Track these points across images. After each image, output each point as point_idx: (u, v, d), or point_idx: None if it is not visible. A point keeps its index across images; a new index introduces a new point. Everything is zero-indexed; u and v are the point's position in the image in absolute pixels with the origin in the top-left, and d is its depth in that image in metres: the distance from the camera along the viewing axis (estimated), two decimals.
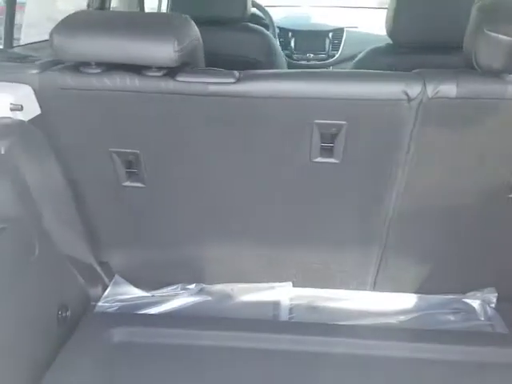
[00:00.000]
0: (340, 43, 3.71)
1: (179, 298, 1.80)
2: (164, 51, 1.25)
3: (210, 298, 1.80)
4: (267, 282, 1.83)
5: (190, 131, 1.42)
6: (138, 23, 1.32)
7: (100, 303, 1.76)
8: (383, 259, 1.69)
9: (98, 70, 1.34)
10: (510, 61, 1.19)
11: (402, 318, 1.70)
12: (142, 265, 1.83)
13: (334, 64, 3.73)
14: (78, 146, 1.49)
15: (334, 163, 1.42)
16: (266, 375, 1.46)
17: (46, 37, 2.07)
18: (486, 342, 1.55)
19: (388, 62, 1.83)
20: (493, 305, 1.70)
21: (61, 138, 1.45)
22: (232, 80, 1.31)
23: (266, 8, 3.40)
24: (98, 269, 1.78)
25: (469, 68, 1.28)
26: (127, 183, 1.56)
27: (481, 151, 1.35)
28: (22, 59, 1.47)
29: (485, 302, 1.70)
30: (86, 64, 1.34)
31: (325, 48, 3.70)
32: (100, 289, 1.80)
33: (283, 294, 1.79)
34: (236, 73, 1.33)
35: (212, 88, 1.31)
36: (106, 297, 1.78)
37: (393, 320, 1.70)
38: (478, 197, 1.45)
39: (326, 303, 1.77)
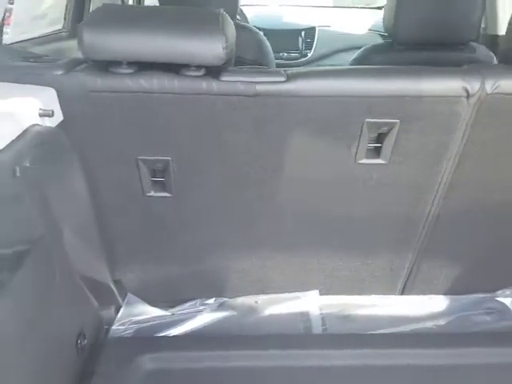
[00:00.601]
0: (313, 42, 3.69)
1: (201, 315, 1.66)
2: (213, 48, 1.13)
3: (234, 313, 1.68)
4: (293, 291, 1.73)
5: (230, 135, 1.30)
6: (178, 18, 1.19)
7: (114, 326, 1.60)
8: (416, 263, 1.64)
9: (131, 71, 1.19)
10: None
11: (436, 322, 1.66)
12: (157, 281, 1.68)
13: (307, 63, 3.70)
14: (103, 154, 1.33)
15: (380, 164, 1.35)
16: None
17: (28, 36, 1.91)
18: None
19: (386, 59, 1.78)
20: None
21: (85, 145, 1.29)
22: (282, 79, 1.21)
23: None
24: (112, 288, 1.62)
25: (506, 63, 1.25)
26: (151, 193, 1.42)
27: None
28: (37, 59, 1.29)
29: None
30: (116, 63, 1.19)
31: (298, 47, 3.66)
32: (113, 310, 1.64)
33: (311, 303, 1.70)
34: (283, 71, 1.23)
35: (260, 88, 1.20)
36: (120, 319, 1.62)
37: (428, 325, 1.65)
38: None
39: (358, 311, 1.69)
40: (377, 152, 1.34)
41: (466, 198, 1.44)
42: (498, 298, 1.71)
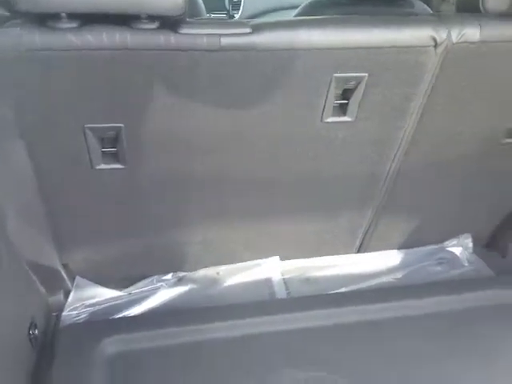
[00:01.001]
0: (240, 2, 3.57)
1: (160, 292, 1.57)
2: None
3: (195, 286, 1.61)
4: (254, 259, 1.69)
5: (190, 95, 1.19)
6: None
7: (66, 312, 1.46)
8: (373, 220, 1.66)
9: (74, 25, 1.03)
10: None
11: (393, 275, 1.71)
12: (108, 261, 1.55)
13: None
14: (45, 125, 1.16)
15: (347, 122, 1.32)
16: (275, 358, 1.35)
17: None
18: (476, 287, 1.62)
19: (327, 13, 1.75)
20: (471, 250, 1.79)
21: (23, 115, 1.11)
22: (247, 30, 1.11)
23: None
24: (60, 272, 1.46)
25: (471, 12, 1.26)
26: (102, 166, 1.27)
27: (491, 96, 1.36)
28: None
29: (464, 249, 1.79)
30: (55, 17, 1.01)
31: (225, 7, 3.53)
32: (62, 296, 1.50)
33: (273, 269, 1.67)
34: (247, 21, 1.13)
35: (224, 41, 1.10)
36: (71, 304, 1.48)
37: (386, 279, 1.70)
38: (478, 144, 1.48)
39: (319, 272, 1.69)
40: (343, 109, 1.30)
41: (427, 152, 1.46)
42: (447, 248, 1.79)
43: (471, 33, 1.20)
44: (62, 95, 1.12)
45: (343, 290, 1.62)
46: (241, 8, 3.59)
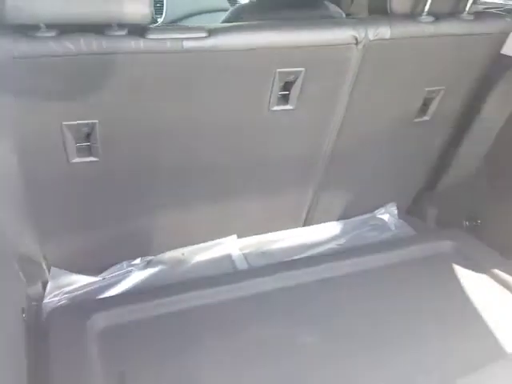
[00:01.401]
0: (162, 6, 3.71)
1: (131, 275, 1.73)
2: (139, 6, 1.18)
3: (163, 267, 1.78)
4: (214, 239, 1.88)
5: (157, 93, 1.37)
6: None
7: (47, 300, 1.57)
8: (315, 196, 1.92)
9: (53, 34, 1.18)
10: (421, 5, 1.50)
11: (336, 242, 1.99)
12: (80, 250, 1.68)
13: None
14: (28, 123, 1.29)
15: (289, 110, 1.56)
16: (244, 319, 1.56)
17: None
18: (401, 245, 1.93)
19: (254, 18, 1.96)
20: (396, 216, 2.11)
21: (10, 114, 1.24)
22: (204, 34, 1.31)
23: None
24: (39, 263, 1.57)
25: (380, 13, 1.54)
26: (76, 159, 1.42)
27: (403, 83, 1.66)
28: None
29: (391, 216, 2.10)
30: (35, 28, 1.16)
31: None
32: (40, 286, 1.60)
33: (233, 246, 1.88)
34: (203, 27, 1.34)
35: (187, 44, 1.29)
36: (51, 292, 1.60)
37: (330, 246, 1.97)
38: (395, 124, 1.78)
39: (273, 246, 1.93)
40: (286, 99, 1.54)
41: (354, 133, 1.74)
42: (377, 216, 2.11)
43: (383, 31, 1.49)
44: (43, 96, 1.27)
45: (295, 258, 1.86)
46: (164, 12, 3.74)
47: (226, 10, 3.28)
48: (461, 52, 1.66)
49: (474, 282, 1.74)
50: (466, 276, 1.77)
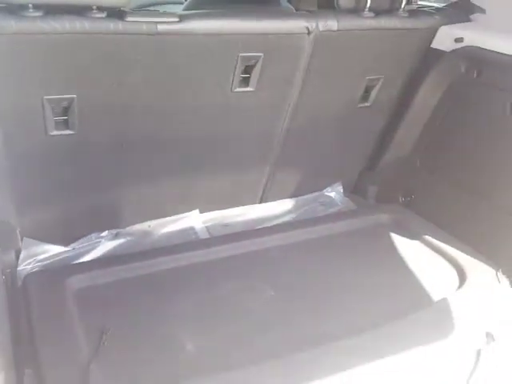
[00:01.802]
0: None
1: (101, 246, 1.85)
2: None
3: (130, 239, 1.90)
4: (179, 213, 2.03)
5: (132, 71, 1.50)
6: None
7: (21, 268, 1.65)
8: (271, 174, 2.12)
9: (40, 13, 1.29)
10: (364, 1, 1.74)
11: (290, 216, 2.19)
12: (52, 222, 1.78)
13: None
14: (12, 96, 1.39)
15: (250, 91, 1.74)
16: (208, 281, 1.71)
17: None
18: (344, 217, 2.17)
19: (213, 8, 2.14)
20: (342, 194, 2.35)
21: None
22: (176, 19, 1.47)
23: None
24: (14, 232, 1.65)
25: (329, 8, 1.76)
26: (54, 132, 1.52)
27: (348, 71, 1.89)
28: None
29: (337, 193, 2.33)
30: (23, 7, 1.27)
31: None
32: (13, 254, 1.68)
33: (196, 220, 2.04)
34: (175, 13, 1.49)
35: (161, 27, 1.44)
36: (24, 260, 1.68)
37: (285, 219, 2.17)
38: (342, 108, 2.01)
39: (233, 219, 2.10)
40: (247, 82, 1.72)
41: (306, 114, 1.95)
42: (325, 194, 2.34)
43: (332, 24, 1.71)
44: (28, 71, 1.38)
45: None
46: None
47: (180, 3, 3.45)
48: (397, 45, 1.92)
49: (407, 247, 1.98)
50: (400, 242, 2.01)
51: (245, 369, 1.35)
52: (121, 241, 1.88)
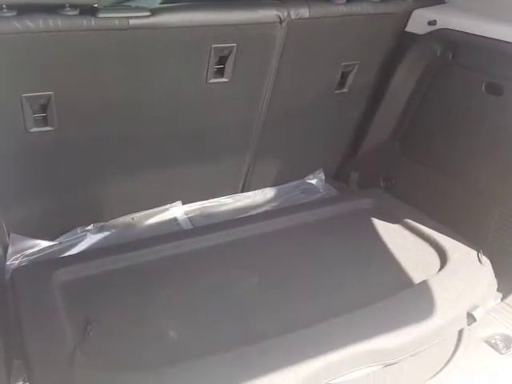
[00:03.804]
0: None
1: (86, 239, 1.93)
2: None
3: (115, 231, 1.99)
4: (161, 205, 2.11)
5: (107, 66, 1.57)
6: None
7: (9, 262, 1.74)
8: (251, 164, 2.20)
9: (14, 13, 1.36)
10: None
11: (271, 205, 2.28)
12: (37, 217, 1.86)
13: None
14: None
15: (224, 82, 1.81)
16: (191, 271, 1.79)
17: None
18: (329, 203, 2.25)
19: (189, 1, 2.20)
20: (323, 181, 2.43)
21: None
22: (147, 13, 1.53)
23: None
24: (1, 228, 1.73)
25: None
26: (34, 129, 1.60)
27: (323, 58, 1.95)
28: None
29: (319, 180, 2.42)
30: None
31: None
32: (1, 250, 1.76)
33: (178, 211, 2.12)
34: (146, 7, 1.56)
35: (132, 22, 1.51)
36: (11, 256, 1.77)
37: (267, 208, 2.25)
38: (318, 95, 2.08)
39: (214, 210, 2.19)
40: (221, 72, 1.79)
41: (283, 103, 2.02)
42: (307, 181, 2.43)
43: (303, 12, 1.77)
44: (5, 70, 1.44)
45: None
46: None
47: None
48: (370, 30, 1.99)
49: (389, 231, 2.06)
50: (382, 226, 2.09)
51: (230, 354, 1.40)
52: (105, 233, 1.97)
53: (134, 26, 1.52)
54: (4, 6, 1.34)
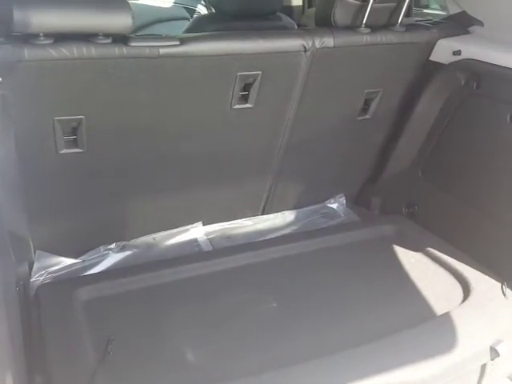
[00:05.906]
0: None
1: (109, 258, 2.01)
2: (123, 19, 1.49)
3: (136, 251, 2.06)
4: (182, 225, 2.18)
5: (136, 92, 1.66)
6: None
7: (32, 279, 1.82)
8: (272, 186, 2.26)
9: (51, 41, 1.46)
10: (360, 18, 1.87)
11: (291, 228, 2.33)
12: (63, 235, 1.95)
13: None
14: (26, 119, 1.56)
15: (248, 108, 1.88)
16: (212, 293, 1.84)
17: None
18: (350, 229, 2.29)
19: (219, 28, 2.27)
20: (344, 205, 2.47)
21: (11, 110, 1.51)
22: (177, 42, 1.62)
23: None
24: (28, 245, 1.82)
25: (325, 25, 1.89)
26: (64, 151, 1.69)
27: (346, 86, 2.01)
28: None
29: (340, 205, 2.45)
30: (35, 36, 1.44)
31: None
32: (27, 266, 1.84)
33: (199, 232, 2.19)
34: (176, 36, 1.64)
35: (162, 51, 1.59)
36: (37, 272, 1.84)
37: (286, 231, 2.30)
38: (341, 122, 2.14)
39: (235, 231, 2.25)
40: (246, 98, 1.86)
41: (306, 128, 2.09)
42: (327, 205, 2.47)
43: (328, 41, 1.84)
44: (40, 94, 1.55)
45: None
46: None
47: (184, 19, 3.62)
48: (394, 59, 2.05)
49: (411, 259, 2.08)
50: (404, 254, 2.11)
51: (247, 379, 1.44)
52: (127, 253, 2.04)
53: (163, 55, 1.61)
54: (41, 34, 1.44)
